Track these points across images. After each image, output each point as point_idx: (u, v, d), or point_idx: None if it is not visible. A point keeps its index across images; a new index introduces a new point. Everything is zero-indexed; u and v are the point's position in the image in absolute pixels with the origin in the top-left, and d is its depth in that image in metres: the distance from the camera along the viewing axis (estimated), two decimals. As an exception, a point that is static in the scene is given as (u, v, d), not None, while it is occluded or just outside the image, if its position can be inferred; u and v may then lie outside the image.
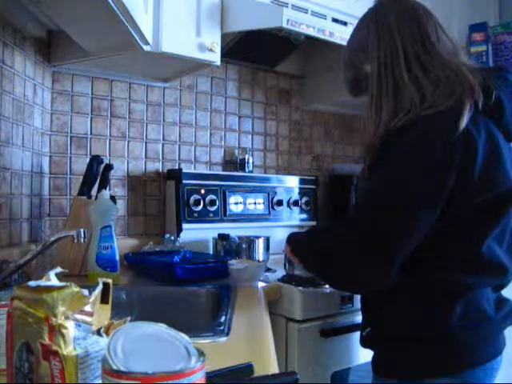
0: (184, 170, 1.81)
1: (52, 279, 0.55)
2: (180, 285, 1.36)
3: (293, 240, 1.20)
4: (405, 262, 0.95)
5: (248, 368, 0.67)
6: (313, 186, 2.19)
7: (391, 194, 0.95)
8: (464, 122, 0.91)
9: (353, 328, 1.33)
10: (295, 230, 1.99)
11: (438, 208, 0.92)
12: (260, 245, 1.77)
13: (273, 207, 2.03)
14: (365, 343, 1.09)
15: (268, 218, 2.02)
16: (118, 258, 1.39)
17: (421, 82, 0.99)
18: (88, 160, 1.60)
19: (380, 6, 1.11)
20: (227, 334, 0.90)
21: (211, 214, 1.85)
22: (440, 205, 0.92)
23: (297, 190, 2.12)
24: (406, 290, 0.99)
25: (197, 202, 1.80)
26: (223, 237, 1.75)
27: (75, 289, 0.50)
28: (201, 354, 0.44)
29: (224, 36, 1.64)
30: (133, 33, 1.29)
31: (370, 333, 1.06)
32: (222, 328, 0.93)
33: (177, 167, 1.94)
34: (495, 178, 0.95)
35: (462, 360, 0.96)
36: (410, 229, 0.93)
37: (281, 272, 1.51)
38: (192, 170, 1.94)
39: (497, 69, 1.28)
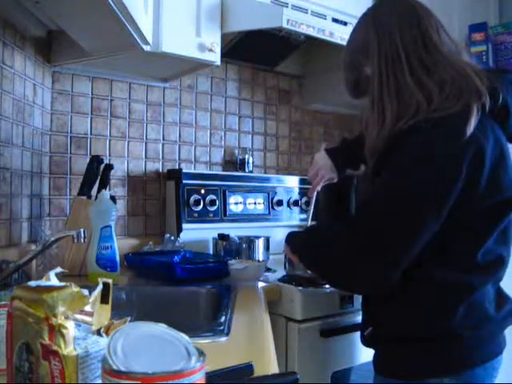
0: (184, 170, 1.81)
1: (52, 279, 0.55)
2: (180, 285, 1.36)
3: (293, 239, 1.20)
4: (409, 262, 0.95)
5: (248, 368, 0.67)
6: (313, 186, 2.19)
7: (395, 197, 0.94)
8: (471, 127, 0.90)
9: (353, 328, 1.33)
10: (295, 229, 1.99)
11: (442, 214, 0.91)
12: (260, 245, 1.77)
13: (273, 207, 2.03)
14: (367, 342, 1.09)
15: (268, 218, 2.02)
16: (117, 258, 1.39)
17: (425, 84, 0.97)
18: (88, 160, 1.60)
19: (379, 5, 1.10)
20: (227, 334, 0.90)
21: (211, 214, 1.85)
22: (445, 210, 0.91)
23: (297, 190, 2.12)
24: (408, 290, 0.98)
25: (197, 202, 1.80)
26: (223, 237, 1.75)
27: (75, 289, 0.50)
28: (201, 353, 0.44)
29: (224, 36, 1.64)
30: (133, 33, 1.29)
31: (372, 332, 1.06)
32: (221, 328, 0.93)
33: (177, 167, 1.94)
34: (502, 184, 0.95)
35: (463, 359, 0.96)
36: (413, 233, 0.92)
37: (281, 272, 1.51)
38: (192, 170, 1.94)
39: (501, 70, 1.27)
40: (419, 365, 0.97)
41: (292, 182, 2.12)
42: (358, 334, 1.15)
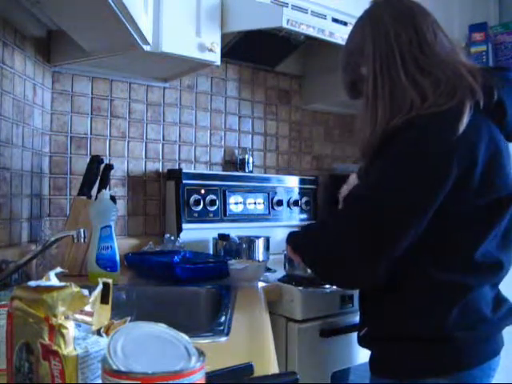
0: (184, 170, 1.81)
1: (52, 279, 0.55)
2: (180, 285, 1.36)
3: (293, 239, 1.20)
4: (403, 263, 0.95)
5: (248, 368, 0.67)
6: (313, 186, 2.19)
7: (383, 193, 0.94)
8: (463, 124, 0.90)
9: (353, 328, 1.33)
10: (295, 229, 1.99)
11: (429, 211, 0.91)
12: (260, 245, 1.77)
13: (273, 207, 2.03)
14: (362, 343, 1.09)
15: (268, 218, 2.02)
16: (118, 258, 1.39)
17: (420, 84, 0.98)
18: (88, 160, 1.60)
19: (375, 7, 1.10)
20: (227, 334, 0.90)
21: (211, 214, 1.85)
22: (432, 208, 0.91)
23: (297, 190, 2.12)
24: (403, 290, 0.99)
25: (197, 202, 1.80)
26: (223, 237, 1.75)
27: (75, 289, 0.50)
28: (201, 353, 0.44)
29: (224, 36, 1.64)
30: (133, 33, 1.29)
31: (368, 333, 1.06)
32: (221, 328, 0.93)
33: (177, 167, 1.94)
34: (496, 182, 0.95)
35: (459, 360, 0.96)
36: (398, 230, 0.92)
37: (281, 272, 1.51)
38: (192, 170, 1.94)
39: (498, 68, 1.27)
40: (414, 365, 0.97)
41: (292, 181, 2.12)
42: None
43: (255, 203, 1.99)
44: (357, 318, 1.32)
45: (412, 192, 0.92)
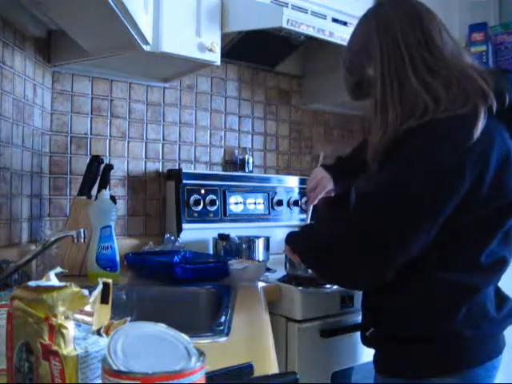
0: (184, 170, 1.81)
1: (52, 279, 0.55)
2: (180, 285, 1.36)
3: (292, 239, 1.20)
4: (410, 262, 0.94)
5: (248, 368, 0.67)
6: (313, 186, 2.18)
7: (394, 195, 0.93)
8: (478, 130, 0.89)
9: (353, 328, 1.33)
10: (295, 229, 1.99)
11: (439, 217, 0.90)
12: (260, 245, 1.77)
13: (273, 207, 2.03)
14: (368, 342, 1.09)
15: (268, 218, 2.02)
16: (118, 258, 1.39)
17: (430, 85, 0.96)
18: (88, 160, 1.60)
19: (380, 6, 1.09)
20: (227, 334, 0.90)
21: (211, 214, 1.85)
22: (442, 214, 0.90)
23: (297, 190, 2.12)
24: (409, 290, 0.99)
25: (197, 202, 1.80)
26: (223, 237, 1.75)
27: (75, 289, 0.50)
28: (201, 353, 0.44)
29: (224, 36, 1.64)
30: (133, 33, 1.29)
31: (373, 332, 1.06)
32: (221, 328, 0.93)
33: (177, 167, 1.94)
34: (505, 187, 0.94)
35: (463, 359, 0.96)
36: (406, 234, 0.91)
37: (281, 272, 1.51)
38: (192, 170, 1.94)
39: (506, 71, 1.27)
40: (421, 364, 0.97)
41: (292, 181, 2.12)
42: (358, 334, 1.15)
43: (255, 203, 1.99)
44: (357, 318, 1.33)
45: (422, 200, 0.91)
